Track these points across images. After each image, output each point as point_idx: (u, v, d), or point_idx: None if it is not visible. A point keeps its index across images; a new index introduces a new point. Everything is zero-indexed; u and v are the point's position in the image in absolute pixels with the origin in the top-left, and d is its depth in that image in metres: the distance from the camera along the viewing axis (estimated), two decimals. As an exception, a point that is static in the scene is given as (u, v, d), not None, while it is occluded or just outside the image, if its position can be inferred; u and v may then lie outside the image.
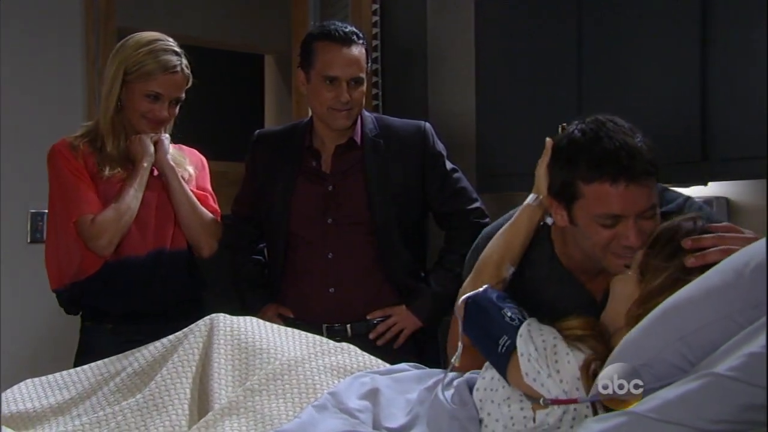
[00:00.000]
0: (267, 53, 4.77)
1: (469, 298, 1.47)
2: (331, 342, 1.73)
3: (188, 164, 2.23)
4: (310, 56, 2.19)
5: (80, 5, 3.26)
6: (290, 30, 3.86)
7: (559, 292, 1.61)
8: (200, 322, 1.70)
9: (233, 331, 1.69)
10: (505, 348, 1.33)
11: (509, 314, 1.38)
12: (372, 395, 1.50)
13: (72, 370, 1.72)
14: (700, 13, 2.08)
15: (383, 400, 1.49)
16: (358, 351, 1.71)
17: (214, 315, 1.73)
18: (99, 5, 3.27)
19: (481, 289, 1.48)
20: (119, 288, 2.09)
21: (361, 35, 2.18)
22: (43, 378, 1.70)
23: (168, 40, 2.13)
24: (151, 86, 2.07)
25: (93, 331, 2.13)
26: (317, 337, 1.75)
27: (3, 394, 1.62)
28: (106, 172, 2.07)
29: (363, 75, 2.18)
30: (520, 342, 1.32)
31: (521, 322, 1.36)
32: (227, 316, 1.73)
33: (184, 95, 2.15)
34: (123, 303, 2.10)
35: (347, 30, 2.16)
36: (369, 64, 2.23)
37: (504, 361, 1.34)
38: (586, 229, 1.49)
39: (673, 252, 1.28)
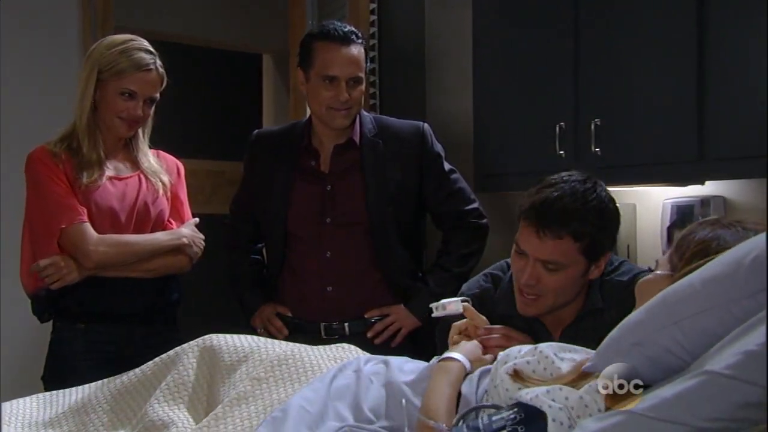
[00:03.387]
0: (265, 53, 4.77)
1: None
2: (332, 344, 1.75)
3: (164, 173, 2.20)
4: (309, 56, 2.19)
5: (77, 4, 3.26)
6: (288, 30, 3.86)
7: (525, 327, 1.73)
8: (190, 345, 1.73)
9: (224, 345, 1.71)
10: None
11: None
12: (383, 362, 1.58)
13: (61, 393, 1.73)
14: (696, 11, 2.08)
15: (394, 365, 1.56)
16: (359, 350, 1.72)
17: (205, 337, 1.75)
18: (96, 4, 3.27)
19: None
20: (94, 291, 2.08)
21: (360, 35, 2.19)
22: (37, 398, 1.71)
23: (141, 41, 2.13)
24: (124, 84, 2.06)
25: (65, 331, 2.12)
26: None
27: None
28: (84, 179, 2.05)
29: (362, 74, 2.18)
30: None
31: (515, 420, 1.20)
32: (217, 336, 1.76)
33: (158, 95, 2.13)
34: (97, 305, 2.09)
35: (346, 30, 2.17)
36: (367, 64, 2.24)
37: None
38: (512, 259, 1.71)
39: (704, 246, 1.23)
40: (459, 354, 1.52)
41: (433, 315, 1.75)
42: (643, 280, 1.32)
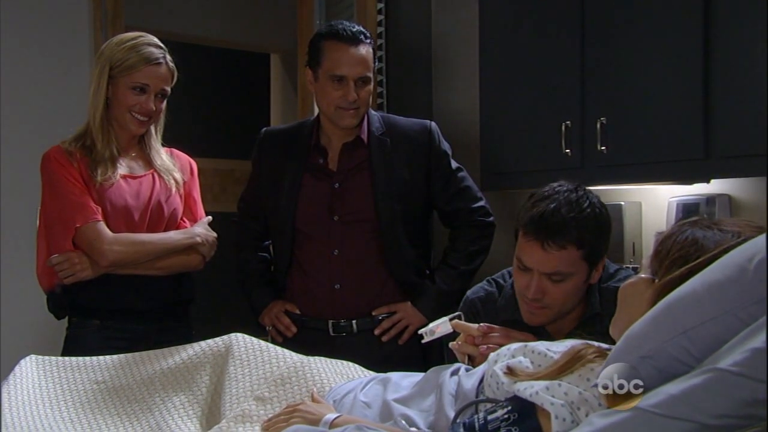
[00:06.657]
0: (273, 52, 4.79)
1: None
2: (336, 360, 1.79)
3: (177, 170, 2.23)
4: (317, 55, 2.20)
5: (88, 5, 3.28)
6: (296, 29, 3.88)
7: (528, 333, 1.73)
8: (209, 355, 1.75)
9: (235, 351, 1.73)
10: None
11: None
12: (382, 381, 1.57)
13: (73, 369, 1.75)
14: (702, 10, 2.09)
15: (391, 383, 1.56)
16: (363, 369, 1.76)
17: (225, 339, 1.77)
18: (106, 5, 3.29)
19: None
20: (108, 288, 2.10)
21: (368, 34, 2.20)
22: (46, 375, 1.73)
23: (150, 37, 2.16)
24: (135, 78, 2.09)
25: (80, 327, 2.14)
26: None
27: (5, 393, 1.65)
28: (98, 177, 2.08)
29: (370, 74, 2.19)
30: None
31: (512, 412, 1.21)
32: (238, 339, 1.78)
33: (170, 89, 2.16)
34: (111, 302, 2.12)
35: (355, 29, 2.18)
36: (375, 64, 2.25)
37: None
38: (514, 275, 1.74)
39: (684, 252, 1.24)
40: None
41: (423, 341, 1.73)
42: (626, 284, 1.31)
